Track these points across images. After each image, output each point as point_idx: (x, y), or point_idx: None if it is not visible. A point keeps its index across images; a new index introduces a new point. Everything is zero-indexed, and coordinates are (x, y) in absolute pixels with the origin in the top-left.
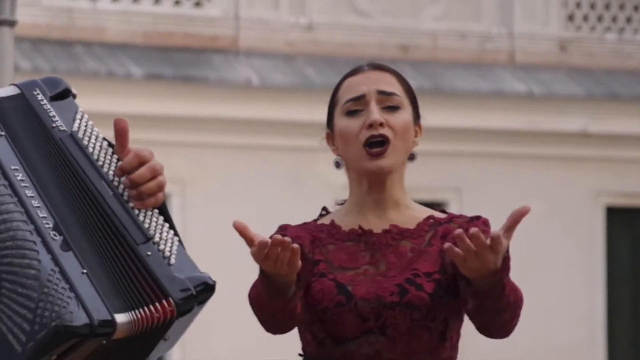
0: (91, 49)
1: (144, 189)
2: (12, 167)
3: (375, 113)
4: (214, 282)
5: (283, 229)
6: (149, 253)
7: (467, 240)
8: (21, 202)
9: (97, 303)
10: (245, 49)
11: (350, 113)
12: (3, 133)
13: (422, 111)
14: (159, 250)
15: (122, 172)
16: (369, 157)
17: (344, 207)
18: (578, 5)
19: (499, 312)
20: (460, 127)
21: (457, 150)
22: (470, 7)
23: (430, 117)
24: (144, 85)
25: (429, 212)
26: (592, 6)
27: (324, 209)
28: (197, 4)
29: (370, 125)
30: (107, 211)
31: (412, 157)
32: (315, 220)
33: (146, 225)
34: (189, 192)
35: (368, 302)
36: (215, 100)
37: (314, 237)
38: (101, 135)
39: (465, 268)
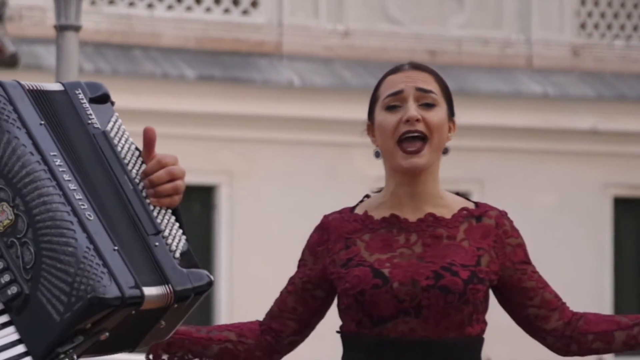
0: (148, 53)
1: (161, 189)
2: (52, 154)
3: (412, 109)
4: (212, 279)
5: (325, 221)
6: (157, 244)
7: None
8: (59, 185)
9: (127, 277)
10: (287, 53)
11: (389, 108)
12: (43, 122)
13: None
14: (166, 244)
15: (145, 175)
16: (404, 154)
17: (378, 196)
18: (589, 14)
19: None
20: (482, 125)
21: (479, 145)
22: (491, 16)
23: (455, 115)
24: (195, 86)
25: (461, 203)
26: (602, 15)
27: (367, 196)
28: (245, 12)
29: (407, 121)
30: (126, 202)
31: (445, 151)
32: (353, 208)
33: (158, 221)
34: (236, 183)
35: (404, 284)
36: (261, 99)
37: (348, 232)
38: (131, 140)
39: None
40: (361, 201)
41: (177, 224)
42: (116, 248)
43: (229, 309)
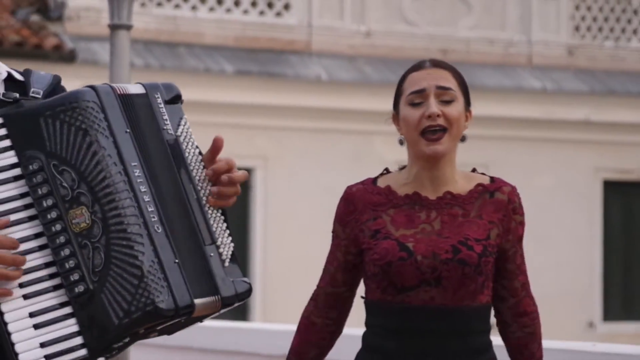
0: (192, 50)
1: (224, 191)
2: (133, 164)
3: (433, 106)
4: (251, 286)
5: (350, 192)
6: (212, 255)
7: None
8: (135, 197)
9: (183, 291)
10: (316, 51)
11: (413, 104)
12: (128, 130)
13: None
14: (219, 253)
15: (213, 173)
16: (427, 142)
17: (401, 176)
18: (583, 18)
19: None
20: (489, 116)
21: (485, 134)
22: (497, 19)
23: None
24: (234, 80)
25: (478, 179)
26: (594, 19)
27: (386, 169)
28: (278, 14)
29: (429, 117)
30: (189, 211)
31: (463, 139)
32: (375, 179)
33: (214, 229)
34: (270, 166)
35: (426, 257)
36: (292, 92)
37: (373, 203)
38: (195, 141)
39: None
40: (381, 174)
41: (228, 231)
42: (177, 261)
43: (263, 279)
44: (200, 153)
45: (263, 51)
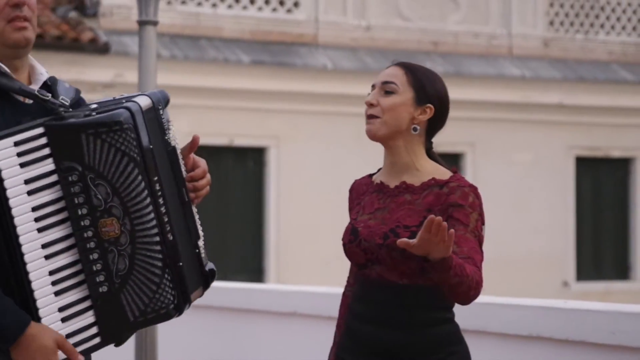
0: (212, 42)
1: (201, 190)
2: (154, 179)
3: (370, 96)
4: (215, 271)
5: (352, 185)
6: (197, 250)
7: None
8: (157, 212)
9: (186, 293)
10: (322, 43)
11: (369, 94)
12: (151, 147)
13: (448, 89)
14: (201, 246)
15: (191, 179)
16: (367, 126)
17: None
18: (557, 14)
19: (444, 284)
20: (474, 100)
21: (471, 116)
22: (481, 15)
23: (453, 93)
24: (250, 69)
25: (435, 173)
26: (566, 15)
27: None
28: (288, 11)
29: (367, 105)
30: (183, 213)
31: (415, 129)
32: (373, 174)
33: (197, 225)
34: (282, 145)
35: (367, 241)
36: (301, 79)
37: (360, 192)
38: (177, 139)
39: (419, 251)
40: (380, 169)
41: (199, 222)
42: (181, 264)
43: (277, 246)
44: (178, 149)
45: (275, 43)
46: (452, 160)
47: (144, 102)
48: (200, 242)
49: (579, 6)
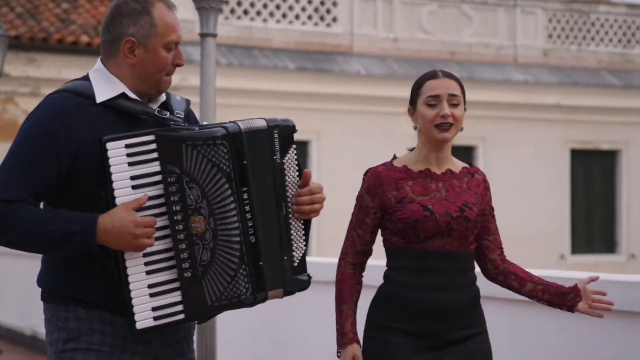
0: (263, 52)
1: (302, 209)
2: (243, 189)
3: (446, 109)
4: (310, 280)
5: (376, 171)
6: (286, 257)
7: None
8: (241, 215)
9: (262, 288)
10: (356, 52)
11: (430, 105)
12: (245, 162)
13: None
14: (291, 255)
15: (297, 197)
16: (439, 131)
17: (412, 156)
18: (554, 28)
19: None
20: (485, 101)
21: (483, 114)
22: (491, 29)
23: (467, 95)
24: (295, 74)
25: (460, 163)
26: (563, 29)
27: (395, 155)
28: (328, 25)
29: (443, 116)
30: (280, 222)
31: (462, 129)
32: (391, 161)
33: (292, 237)
34: (323, 139)
35: (442, 215)
36: (338, 83)
37: (395, 178)
38: (297, 165)
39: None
40: (394, 158)
41: (304, 235)
42: (261, 264)
43: (318, 225)
44: (299, 175)
45: (316, 52)
46: (466, 152)
47: (257, 123)
48: (295, 253)
49: (573, 21)
